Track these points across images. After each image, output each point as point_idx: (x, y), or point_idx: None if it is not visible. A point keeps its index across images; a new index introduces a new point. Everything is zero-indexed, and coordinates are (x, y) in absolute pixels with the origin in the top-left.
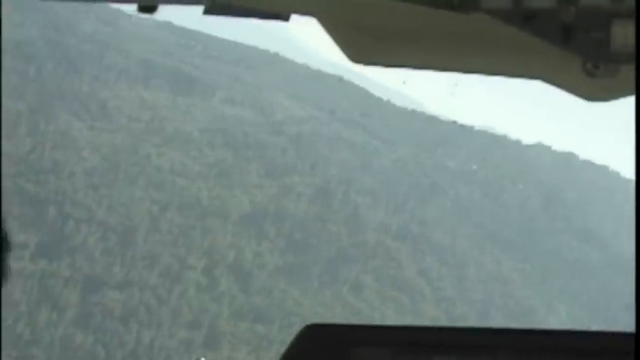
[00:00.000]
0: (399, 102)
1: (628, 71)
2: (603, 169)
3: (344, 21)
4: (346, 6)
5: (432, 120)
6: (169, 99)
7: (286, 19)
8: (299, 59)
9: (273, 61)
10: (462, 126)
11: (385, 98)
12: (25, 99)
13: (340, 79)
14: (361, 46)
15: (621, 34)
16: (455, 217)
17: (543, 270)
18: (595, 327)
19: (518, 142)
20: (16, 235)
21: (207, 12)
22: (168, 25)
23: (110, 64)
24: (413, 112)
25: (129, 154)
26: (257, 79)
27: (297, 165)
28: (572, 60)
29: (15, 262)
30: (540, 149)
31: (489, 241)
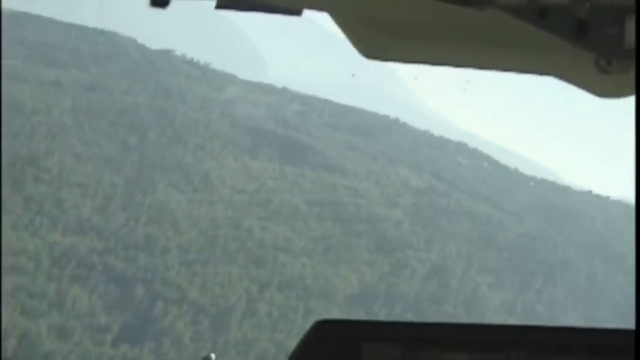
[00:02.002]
0: (527, 170)
1: None
2: None
3: (357, 16)
4: (359, 1)
5: (564, 190)
6: (277, 169)
7: (298, 13)
8: (422, 125)
9: (392, 127)
10: (598, 196)
11: (512, 166)
12: (123, 170)
13: (464, 147)
14: (374, 41)
15: (634, 30)
16: (588, 297)
17: None
18: None
19: None
20: (98, 316)
21: (219, 6)
22: (284, 92)
23: (217, 132)
24: (542, 181)
25: (229, 228)
26: (373, 147)
27: (412, 240)
28: (585, 56)
29: (94, 347)
30: None
31: (630, 326)
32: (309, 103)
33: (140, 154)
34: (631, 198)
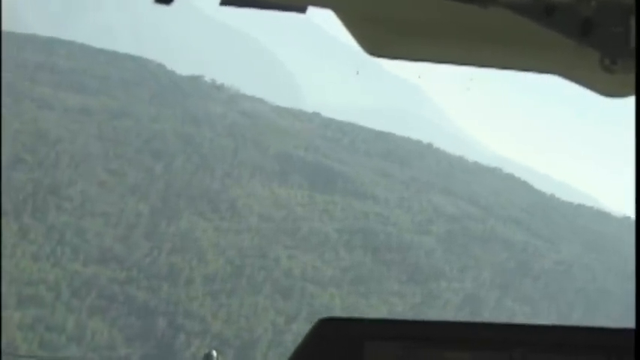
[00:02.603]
0: (564, 195)
1: None
2: None
3: (361, 14)
4: None
5: (603, 216)
6: (306, 196)
7: (302, 10)
8: (456, 151)
9: (425, 153)
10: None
11: (549, 192)
12: (148, 198)
13: (499, 172)
14: (378, 38)
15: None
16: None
17: None
18: None
19: None
20: (118, 349)
21: (224, 3)
22: (316, 117)
23: (245, 159)
24: (580, 206)
25: (256, 257)
26: (406, 173)
27: (445, 269)
28: (590, 55)
29: None
30: None
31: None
32: (342, 129)
33: (166, 181)
34: None
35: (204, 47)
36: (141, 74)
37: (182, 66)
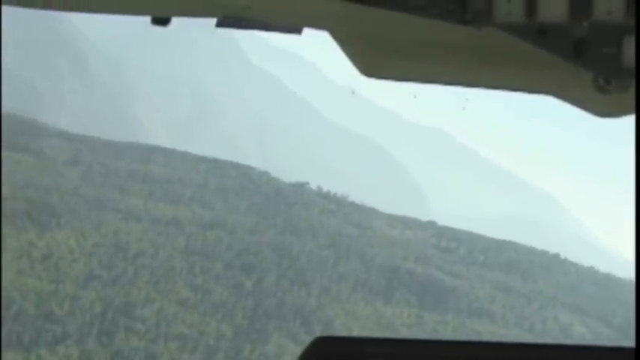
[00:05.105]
0: None
1: None
2: None
3: (356, 35)
4: (359, 20)
5: None
6: (414, 315)
7: (298, 32)
8: (586, 261)
9: (552, 264)
10: None
11: None
12: (233, 318)
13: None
14: (373, 59)
15: (633, 49)
16: None
17: None
18: None
19: None
20: None
21: (219, 24)
22: (430, 226)
23: (346, 273)
24: None
25: None
26: (529, 288)
27: None
28: (583, 75)
29: None
30: None
31: None
32: (458, 238)
33: (255, 299)
34: None
35: (324, 153)
36: (242, 182)
37: (290, 173)
